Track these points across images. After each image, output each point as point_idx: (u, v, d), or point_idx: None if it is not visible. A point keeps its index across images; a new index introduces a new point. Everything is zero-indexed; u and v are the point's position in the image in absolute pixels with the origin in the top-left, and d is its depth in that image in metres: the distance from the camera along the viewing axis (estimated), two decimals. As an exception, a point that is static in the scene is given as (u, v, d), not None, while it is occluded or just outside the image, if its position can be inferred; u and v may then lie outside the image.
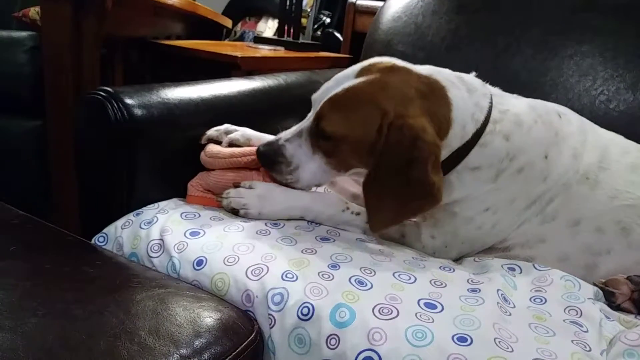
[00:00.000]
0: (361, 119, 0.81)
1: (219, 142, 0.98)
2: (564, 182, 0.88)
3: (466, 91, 0.88)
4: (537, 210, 0.88)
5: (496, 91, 0.94)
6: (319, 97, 0.87)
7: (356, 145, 0.83)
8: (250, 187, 0.90)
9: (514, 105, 0.91)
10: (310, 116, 0.88)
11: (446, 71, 0.89)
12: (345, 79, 0.85)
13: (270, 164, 0.88)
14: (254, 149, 0.92)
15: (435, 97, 0.85)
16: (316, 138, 0.86)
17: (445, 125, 0.84)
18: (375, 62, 0.87)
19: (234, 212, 0.89)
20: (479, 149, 0.86)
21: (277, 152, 0.87)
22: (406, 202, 0.81)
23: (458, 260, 0.90)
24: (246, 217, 0.89)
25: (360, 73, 0.85)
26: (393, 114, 0.80)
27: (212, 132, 0.98)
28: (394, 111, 0.80)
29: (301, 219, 0.90)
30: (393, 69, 0.85)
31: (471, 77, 0.91)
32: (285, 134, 0.89)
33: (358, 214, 0.90)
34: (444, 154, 0.84)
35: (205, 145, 0.98)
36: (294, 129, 0.89)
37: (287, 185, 0.89)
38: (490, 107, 0.88)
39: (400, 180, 0.80)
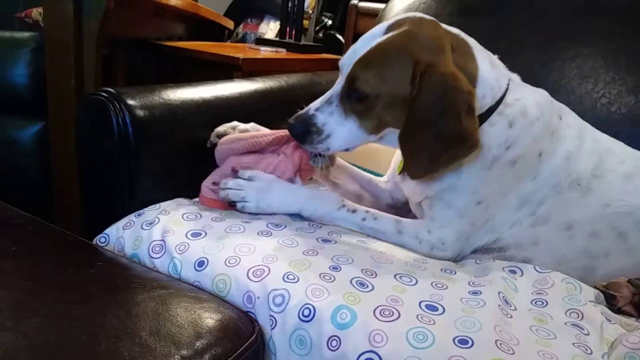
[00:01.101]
0: (395, 72, 0.81)
1: None
2: (554, 183, 0.89)
3: (489, 62, 0.89)
4: (528, 211, 0.89)
5: (515, 77, 0.94)
6: (348, 60, 0.85)
7: (391, 99, 0.82)
8: (249, 179, 0.90)
9: (525, 97, 0.91)
10: (340, 81, 0.87)
11: (472, 39, 0.90)
12: (373, 37, 0.85)
13: (301, 135, 0.87)
14: (272, 131, 0.92)
15: (464, 53, 0.86)
16: (349, 101, 0.85)
17: (472, 84, 0.84)
18: (402, 17, 0.87)
19: (231, 205, 0.89)
20: (487, 127, 0.87)
21: (308, 122, 0.86)
22: (442, 150, 0.80)
23: (459, 262, 0.90)
24: (243, 211, 0.89)
25: (388, 29, 0.85)
26: (425, 63, 0.79)
27: (220, 128, 0.98)
28: (426, 60, 0.80)
29: (298, 214, 0.90)
30: (421, 21, 0.85)
31: (495, 56, 0.93)
32: (314, 104, 0.88)
33: (354, 211, 0.90)
34: None
35: (212, 148, 0.97)
36: (323, 97, 0.88)
37: (317, 153, 0.89)
38: (506, 90, 0.89)
39: (435, 129, 0.79)
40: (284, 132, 0.93)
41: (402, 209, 1.05)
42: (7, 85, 1.42)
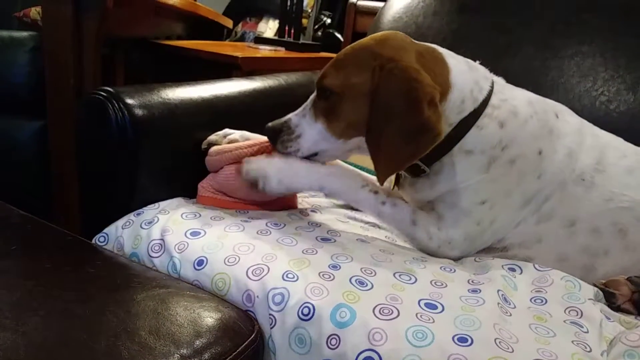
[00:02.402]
0: (358, 68, 0.84)
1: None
2: (559, 180, 0.89)
3: (466, 66, 0.90)
4: (533, 209, 0.88)
5: (499, 80, 0.95)
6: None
7: (354, 96, 0.84)
8: (269, 158, 0.90)
9: (514, 97, 0.91)
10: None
11: (447, 50, 0.92)
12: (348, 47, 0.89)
13: (274, 135, 0.90)
14: (258, 139, 0.93)
15: (432, 58, 0.87)
16: (318, 103, 0.88)
17: (444, 86, 0.84)
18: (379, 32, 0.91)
19: (253, 184, 0.88)
20: (475, 131, 0.87)
21: (283, 124, 0.90)
22: (404, 143, 0.80)
23: (458, 260, 0.90)
24: (264, 188, 0.88)
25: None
26: (385, 58, 0.82)
27: (212, 137, 0.99)
28: (387, 55, 0.82)
29: (319, 191, 0.90)
30: (395, 33, 0.89)
31: (474, 62, 0.93)
32: (294, 112, 0.91)
33: (376, 192, 0.89)
34: (443, 128, 0.83)
35: (206, 150, 0.98)
36: (302, 106, 0.91)
37: (290, 152, 0.89)
38: (491, 92, 0.89)
39: (396, 123, 0.80)
40: (266, 142, 0.93)
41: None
42: (5, 85, 1.42)
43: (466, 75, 0.88)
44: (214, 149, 0.96)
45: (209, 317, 0.67)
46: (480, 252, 0.91)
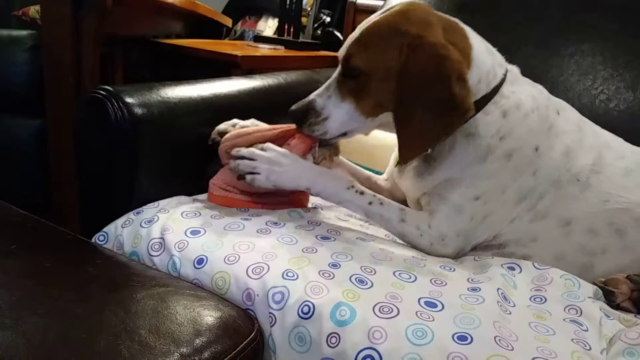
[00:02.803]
0: (385, 46, 0.83)
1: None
2: (554, 178, 0.89)
3: (486, 49, 0.90)
4: (527, 206, 0.88)
5: (514, 69, 0.95)
6: (344, 47, 0.88)
7: (382, 74, 0.83)
8: (262, 149, 0.89)
9: (521, 90, 0.92)
10: (338, 68, 0.89)
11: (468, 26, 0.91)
12: (366, 23, 0.87)
13: (300, 118, 0.89)
14: (276, 125, 0.93)
15: (456, 33, 0.87)
16: (344, 83, 0.87)
17: (466, 61, 0.84)
18: (396, 4, 0.90)
19: (241, 177, 0.88)
20: (481, 116, 0.87)
21: (308, 106, 0.88)
22: (434, 119, 0.80)
23: (458, 259, 0.90)
24: (252, 183, 0.88)
25: (381, 14, 0.87)
26: (412, 35, 0.81)
27: (221, 126, 0.98)
28: (413, 32, 0.81)
29: (306, 190, 0.90)
30: (413, 4, 0.88)
31: (493, 48, 0.93)
32: (315, 92, 0.90)
33: (362, 193, 0.90)
34: None
35: (212, 145, 0.97)
36: (323, 85, 0.90)
37: (318, 135, 0.89)
38: (503, 80, 0.90)
39: (425, 100, 0.80)
40: (289, 126, 0.93)
41: (401, 206, 1.05)
42: (4, 84, 1.42)
43: (485, 57, 0.88)
44: (228, 135, 0.94)
45: (209, 316, 0.67)
46: (478, 250, 0.91)
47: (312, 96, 0.89)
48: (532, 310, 0.74)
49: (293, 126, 0.92)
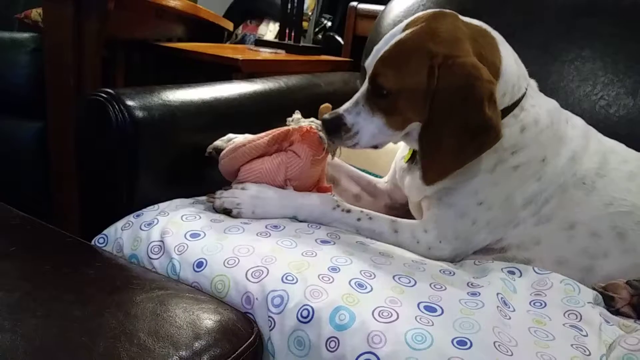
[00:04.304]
0: (412, 67, 0.82)
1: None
2: (560, 183, 0.89)
3: (514, 60, 0.89)
4: (533, 210, 0.89)
5: (533, 83, 0.95)
6: (371, 61, 0.88)
7: (411, 95, 0.83)
8: (242, 189, 0.91)
9: (540, 105, 0.92)
10: (365, 82, 0.89)
11: (496, 31, 0.90)
12: (392, 36, 0.86)
13: (332, 131, 0.89)
14: (266, 132, 0.93)
15: (486, 43, 0.86)
16: (373, 99, 0.86)
17: (495, 75, 0.84)
18: (421, 14, 0.88)
19: (227, 213, 0.90)
20: None
21: (340, 122, 0.88)
22: (465, 143, 0.80)
23: (458, 263, 0.90)
24: (239, 217, 0.89)
25: (407, 27, 0.86)
26: (442, 56, 0.80)
27: (217, 142, 0.99)
28: (443, 52, 0.80)
29: (293, 218, 0.91)
30: (439, 15, 0.86)
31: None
32: (343, 106, 0.90)
33: (349, 211, 0.91)
34: None
35: (208, 157, 0.98)
36: (351, 100, 0.90)
37: (349, 147, 0.90)
38: (524, 93, 0.90)
39: (456, 121, 0.80)
40: (278, 130, 0.94)
41: (400, 210, 1.05)
42: (6, 86, 1.42)
43: (513, 69, 0.88)
44: (224, 152, 0.95)
45: (208, 319, 0.66)
46: (479, 253, 0.91)
47: (341, 111, 0.89)
48: (531, 315, 0.73)
49: (283, 129, 0.93)
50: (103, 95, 0.90)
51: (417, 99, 0.83)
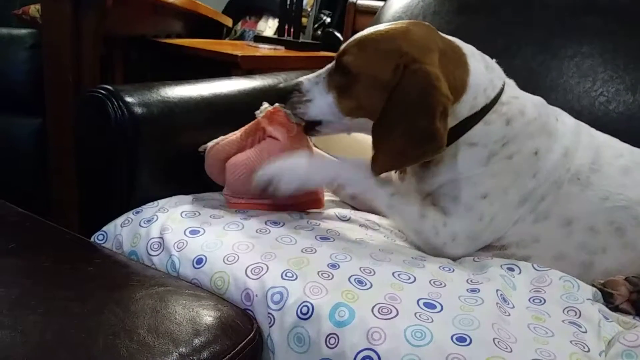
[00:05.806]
0: (380, 56, 0.85)
1: None
2: (554, 179, 0.89)
3: (484, 67, 0.91)
4: (529, 208, 0.89)
5: (510, 82, 0.96)
6: (346, 43, 0.90)
7: (370, 81, 0.85)
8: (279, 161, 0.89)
9: (524, 98, 0.93)
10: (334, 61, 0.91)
11: (470, 46, 0.93)
12: (374, 28, 0.89)
13: (286, 94, 0.91)
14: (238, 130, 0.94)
15: (455, 58, 0.88)
16: (334, 76, 0.89)
17: (460, 89, 0.86)
18: (404, 21, 0.92)
19: (266, 186, 0.87)
20: (482, 126, 0.88)
21: (294, 86, 0.91)
22: (410, 146, 0.82)
23: (457, 260, 0.90)
24: (277, 189, 0.85)
25: (390, 25, 0.89)
26: (411, 58, 0.82)
27: (210, 143, 0.99)
28: (412, 55, 0.83)
29: (331, 183, 0.94)
30: (419, 23, 0.90)
31: (492, 60, 0.94)
32: (307, 75, 0.92)
33: (386, 183, 0.90)
34: (452, 121, 0.85)
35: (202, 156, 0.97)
36: (316, 72, 0.92)
37: (296, 114, 0.91)
38: (502, 90, 0.91)
39: (407, 124, 0.81)
40: (250, 124, 0.95)
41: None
42: (4, 83, 1.42)
43: (483, 77, 0.89)
44: (207, 154, 0.96)
45: (208, 316, 0.67)
46: (479, 251, 0.91)
47: (302, 78, 0.92)
48: (531, 311, 0.74)
49: (253, 122, 0.94)
50: (102, 91, 0.90)
51: (374, 87, 0.84)
